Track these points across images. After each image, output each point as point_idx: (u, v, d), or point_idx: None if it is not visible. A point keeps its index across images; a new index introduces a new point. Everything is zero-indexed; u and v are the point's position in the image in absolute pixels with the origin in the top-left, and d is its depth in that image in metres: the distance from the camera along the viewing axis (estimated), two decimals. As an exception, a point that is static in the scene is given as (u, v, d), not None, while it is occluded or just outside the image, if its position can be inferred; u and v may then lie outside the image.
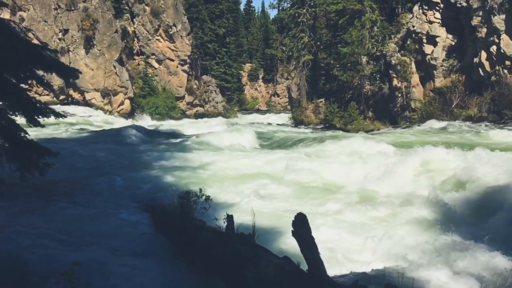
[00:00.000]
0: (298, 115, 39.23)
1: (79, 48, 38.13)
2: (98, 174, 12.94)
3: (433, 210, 9.63)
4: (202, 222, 7.33)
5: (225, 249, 6.22)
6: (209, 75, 52.40)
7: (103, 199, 10.37)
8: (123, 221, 8.72)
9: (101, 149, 17.26)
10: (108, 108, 38.70)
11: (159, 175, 13.28)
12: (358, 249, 7.59)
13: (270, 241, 7.71)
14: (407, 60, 31.69)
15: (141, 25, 43.57)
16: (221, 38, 57.05)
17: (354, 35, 32.02)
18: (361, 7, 33.01)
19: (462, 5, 28.82)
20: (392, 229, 8.63)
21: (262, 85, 73.72)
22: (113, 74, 38.70)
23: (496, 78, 26.85)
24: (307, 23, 40.41)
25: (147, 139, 21.47)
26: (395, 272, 5.61)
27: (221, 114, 48.80)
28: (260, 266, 5.37)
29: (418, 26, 31.47)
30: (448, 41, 30.67)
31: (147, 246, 7.31)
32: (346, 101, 34.55)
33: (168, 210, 8.04)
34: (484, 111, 26.76)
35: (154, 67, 44.27)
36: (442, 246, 7.41)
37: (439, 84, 30.16)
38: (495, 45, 27.01)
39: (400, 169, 12.54)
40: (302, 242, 5.37)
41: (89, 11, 38.08)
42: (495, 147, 15.00)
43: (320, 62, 41.93)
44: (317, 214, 9.42)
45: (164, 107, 41.91)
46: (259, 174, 13.62)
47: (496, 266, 6.51)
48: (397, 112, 32.39)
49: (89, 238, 7.52)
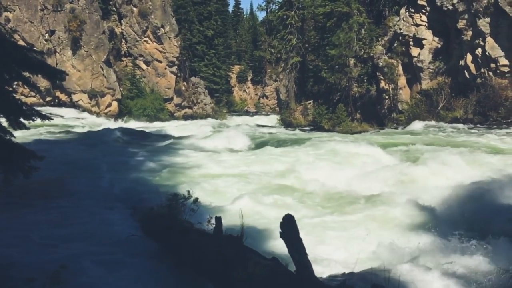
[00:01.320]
0: (286, 116, 39.34)
1: (66, 49, 37.79)
2: (84, 176, 12.83)
3: (416, 210, 9.74)
4: (190, 224, 7.31)
5: (213, 250, 6.22)
6: (198, 76, 52.28)
7: (89, 201, 10.29)
8: (110, 223, 8.67)
9: (88, 151, 17.12)
10: (95, 110, 38.39)
11: (147, 177, 13.22)
12: (344, 250, 7.65)
13: (258, 243, 7.72)
14: (394, 62, 32.01)
15: (129, 26, 43.33)
16: (209, 39, 56.96)
17: (341, 38, 32.25)
18: (349, 9, 33.27)
19: (448, 8, 29.20)
20: (377, 229, 8.71)
21: (251, 87, 73.72)
22: (101, 76, 38.42)
23: (482, 80, 27.24)
24: (295, 25, 40.57)
25: (134, 141, 21.33)
26: (381, 272, 5.66)
27: (210, 115, 48.69)
28: (248, 267, 5.38)
29: (405, 28, 31.80)
30: (435, 44, 31.04)
31: (134, 248, 7.26)
32: (334, 103, 34.75)
33: (156, 212, 8.00)
34: (469, 113, 27.13)
35: (142, 69, 44.04)
36: (427, 246, 7.50)
37: (426, 86, 30.51)
38: (480, 47, 27.40)
39: (382, 170, 12.73)
40: (290, 243, 5.39)
41: (76, 12, 37.76)
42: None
43: (308, 64, 42.12)
44: (304, 216, 9.46)
45: (152, 108, 41.68)
46: (248, 175, 13.62)
47: (480, 265, 6.62)
48: (384, 114, 32.67)
49: (75, 241, 7.45)
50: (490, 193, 10.17)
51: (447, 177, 11.46)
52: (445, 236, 8.26)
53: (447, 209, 9.72)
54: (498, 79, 26.69)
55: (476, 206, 9.60)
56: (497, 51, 26.77)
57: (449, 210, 9.62)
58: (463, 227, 8.63)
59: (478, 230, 8.33)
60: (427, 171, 12.25)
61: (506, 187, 10.32)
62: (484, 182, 10.82)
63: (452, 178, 11.32)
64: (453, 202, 9.96)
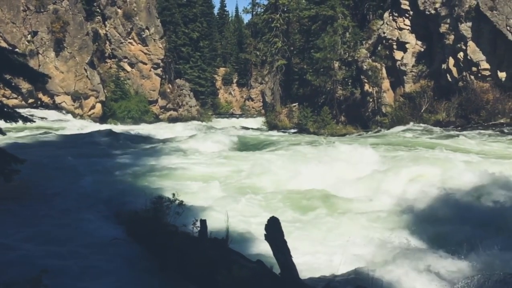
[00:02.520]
0: (272, 119, 39.42)
1: (49, 50, 37.31)
2: (67, 180, 12.66)
3: (399, 211, 9.86)
4: (175, 227, 7.28)
5: (198, 254, 6.20)
6: (183, 79, 52.10)
7: (71, 205, 10.16)
8: (93, 226, 8.57)
9: (71, 154, 16.89)
10: (78, 112, 37.98)
11: (131, 180, 13.11)
12: (328, 252, 7.69)
13: (243, 245, 7.72)
14: (378, 65, 32.33)
15: (113, 28, 43.00)
16: (194, 42, 56.82)
17: (326, 41, 32.47)
18: (333, 13, 33.53)
19: (430, 13, 29.62)
20: (359, 230, 8.79)
21: (236, 89, 73.72)
22: (84, 77, 38.02)
23: (463, 84, 27.69)
24: (280, 28, 40.72)
25: (118, 144, 21.14)
26: (365, 273, 5.71)
27: (195, 118, 48.56)
28: (233, 270, 5.38)
29: (388, 32, 32.17)
30: (418, 48, 31.45)
31: (118, 251, 7.20)
32: (319, 106, 34.94)
33: (140, 215, 7.94)
34: (452, 115, 27.53)
35: (127, 71, 43.72)
36: (410, 247, 7.59)
37: (409, 89, 30.88)
38: (462, 51, 27.86)
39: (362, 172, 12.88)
40: (274, 245, 5.40)
41: (59, 13, 37.32)
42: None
43: (294, 67, 42.29)
44: (288, 218, 9.49)
45: (137, 111, 41.40)
46: (233, 178, 13.61)
47: (462, 266, 6.72)
48: (369, 116, 32.96)
49: (57, 244, 7.35)
50: (471, 195, 10.34)
51: (426, 179, 11.60)
52: (428, 237, 8.39)
53: (430, 211, 9.85)
54: (479, 82, 27.15)
55: (459, 207, 9.76)
56: (478, 55, 27.25)
57: (432, 212, 9.75)
58: (446, 229, 8.76)
59: (461, 232, 8.46)
60: (405, 172, 12.38)
61: (487, 189, 10.50)
62: (465, 184, 10.98)
63: (431, 180, 11.46)
64: (435, 204, 10.10)
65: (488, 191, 10.35)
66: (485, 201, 10.00)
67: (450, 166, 12.49)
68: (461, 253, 7.20)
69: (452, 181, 11.13)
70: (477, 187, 10.60)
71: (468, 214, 9.34)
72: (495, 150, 17.36)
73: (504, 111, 25.97)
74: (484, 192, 10.32)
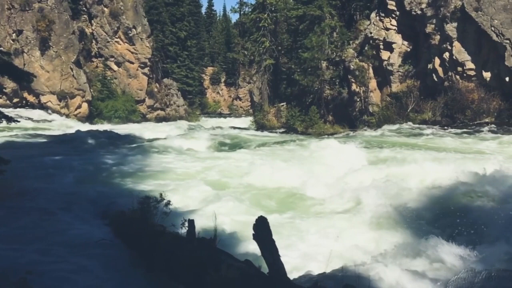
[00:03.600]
0: (260, 119, 39.42)
1: (34, 49, 36.84)
2: (53, 180, 12.52)
3: (386, 210, 9.93)
4: (162, 227, 7.24)
5: (186, 254, 6.17)
6: (170, 78, 51.82)
7: (58, 205, 10.03)
8: (80, 227, 8.48)
9: (57, 154, 16.72)
10: (65, 112, 37.57)
11: (118, 180, 13.01)
12: (315, 251, 7.72)
13: (231, 245, 7.72)
14: (365, 65, 32.52)
15: (100, 27, 42.61)
16: (182, 41, 56.57)
17: (314, 41, 32.58)
18: (321, 13, 33.65)
19: (416, 13, 29.89)
20: (347, 229, 8.84)
21: (224, 89, 73.58)
22: (70, 77, 37.62)
23: (449, 84, 27.99)
24: (268, 27, 40.75)
25: (104, 144, 20.97)
26: (352, 272, 5.75)
27: (183, 117, 48.35)
28: (221, 270, 5.37)
29: (375, 32, 32.38)
30: (404, 48, 31.71)
31: (105, 252, 7.14)
32: (307, 105, 35.04)
33: (127, 216, 7.89)
34: (438, 115, 27.81)
35: (113, 70, 43.36)
36: (397, 245, 7.66)
37: (396, 89, 31.12)
38: (447, 51, 28.16)
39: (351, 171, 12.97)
40: (263, 245, 5.40)
41: (45, 12, 36.88)
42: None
43: (282, 66, 42.36)
44: (275, 217, 9.51)
45: (124, 110, 41.09)
46: (221, 178, 13.59)
47: (448, 263, 6.80)
48: (356, 116, 33.14)
49: (43, 245, 7.25)
50: (457, 193, 10.47)
51: (414, 177, 11.71)
52: (415, 235, 8.46)
53: (417, 208, 9.94)
54: (464, 82, 27.47)
55: (445, 205, 9.87)
56: (463, 55, 27.57)
57: (419, 209, 9.85)
58: (433, 226, 8.86)
59: (448, 229, 8.56)
60: (393, 171, 12.51)
61: (472, 186, 10.64)
62: (451, 181, 11.10)
63: (418, 178, 11.58)
64: (422, 201, 10.20)
65: (469, 188, 10.48)
66: (467, 198, 10.12)
67: (429, 164, 12.64)
68: (446, 250, 7.28)
69: (432, 179, 11.24)
70: (457, 185, 10.73)
71: (450, 211, 9.45)
72: (472, 148, 17.72)
73: (489, 111, 26.32)
74: (465, 190, 10.46)
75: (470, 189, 10.37)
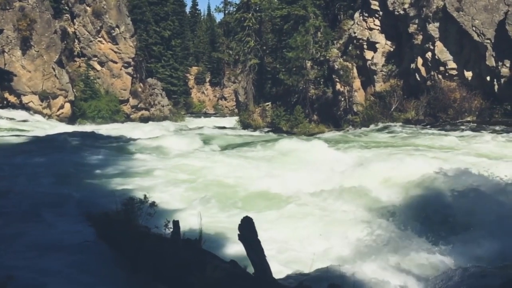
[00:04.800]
0: (245, 118, 39.42)
1: (15, 49, 36.22)
2: (34, 182, 12.30)
3: (367, 208, 10.01)
4: (147, 229, 7.16)
5: (171, 255, 6.12)
6: (155, 78, 51.48)
7: (39, 207, 9.84)
8: (63, 229, 8.34)
9: (38, 156, 16.45)
10: (47, 112, 37.02)
11: (101, 181, 12.86)
12: (300, 250, 7.73)
13: (217, 246, 7.68)
14: (349, 65, 32.75)
15: (82, 26, 42.09)
16: (166, 40, 56.23)
17: (298, 40, 32.69)
18: (305, 13, 33.77)
19: (399, 13, 30.20)
20: (331, 227, 8.88)
21: (209, 89, 73.36)
22: (52, 77, 37.08)
23: (432, 83, 28.35)
24: (253, 27, 40.76)
25: (87, 144, 20.67)
26: (337, 270, 5.76)
27: (168, 117, 48.06)
28: (206, 271, 5.34)
29: (359, 32, 32.62)
30: (387, 47, 32.01)
31: (88, 254, 7.03)
32: (292, 105, 35.15)
33: (111, 217, 7.78)
34: (421, 114, 28.15)
35: (96, 70, 42.88)
36: (382, 243, 7.72)
37: (379, 88, 31.40)
38: (430, 51, 28.52)
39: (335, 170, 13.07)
40: (248, 245, 5.38)
41: (26, 11, 36.29)
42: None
43: (267, 66, 42.41)
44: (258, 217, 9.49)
45: (107, 110, 40.66)
46: (205, 178, 13.53)
47: (432, 261, 6.87)
48: (341, 115, 33.36)
49: (24, 249, 7.11)
50: (444, 190, 10.58)
51: (398, 174, 11.83)
52: (400, 233, 8.54)
53: (401, 206, 10.04)
54: (446, 81, 27.86)
55: (431, 202, 9.97)
56: (445, 54, 27.96)
57: (403, 207, 9.94)
58: (418, 223, 8.94)
59: (433, 226, 8.66)
60: (375, 168, 12.61)
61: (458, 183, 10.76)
62: (437, 178, 11.22)
63: (402, 175, 11.69)
64: (407, 199, 10.30)
65: (449, 186, 10.61)
66: (447, 196, 10.24)
67: (411, 163, 12.79)
68: (430, 248, 7.37)
69: (414, 177, 11.37)
70: (439, 183, 10.86)
71: (431, 209, 9.57)
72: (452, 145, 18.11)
73: (470, 110, 26.73)
74: (446, 187, 10.58)
75: (457, 187, 10.47)
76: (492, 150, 16.43)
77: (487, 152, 15.88)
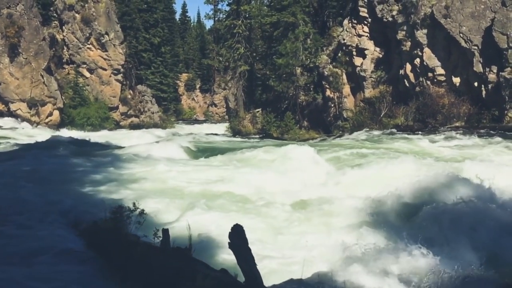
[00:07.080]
0: (235, 125, 39.41)
1: (3, 56, 35.89)
2: (21, 189, 12.11)
3: (360, 213, 10.01)
4: (136, 238, 7.08)
5: (160, 264, 6.05)
6: (144, 84, 51.28)
7: (26, 215, 9.67)
8: (50, 238, 8.19)
9: (26, 164, 16.23)
10: (35, 120, 36.66)
11: (90, 189, 12.71)
12: (291, 257, 7.70)
13: (208, 254, 7.61)
14: (339, 71, 32.95)
15: (71, 33, 41.86)
16: (156, 47, 56.16)
17: (288, 47, 32.84)
18: (295, 19, 33.97)
19: (388, 20, 30.49)
20: (321, 233, 8.86)
21: (200, 95, 73.24)
22: (41, 84, 36.77)
23: (420, 89, 28.62)
24: (242, 34, 40.91)
25: (76, 152, 20.45)
26: (327, 276, 5.73)
27: (158, 124, 47.83)
28: (196, 280, 5.28)
29: (348, 39, 32.86)
30: (376, 54, 32.29)
31: (76, 264, 6.91)
32: (282, 111, 35.23)
33: (99, 226, 7.68)
34: (410, 120, 28.37)
35: (85, 77, 42.61)
36: (371, 248, 7.70)
37: (369, 94, 31.62)
38: (418, 57, 28.81)
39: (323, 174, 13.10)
40: (238, 253, 5.34)
41: (14, 18, 36.02)
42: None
43: (257, 72, 42.54)
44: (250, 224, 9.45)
45: (97, 117, 40.37)
46: (196, 186, 13.43)
47: (422, 266, 6.87)
48: (331, 121, 33.50)
49: (9, 259, 6.96)
50: (434, 194, 10.63)
51: (385, 180, 11.87)
52: (389, 237, 8.54)
53: (390, 211, 10.05)
54: (435, 87, 28.14)
55: (420, 207, 10.00)
56: (434, 61, 28.26)
57: (392, 212, 9.95)
58: (406, 228, 8.95)
59: (422, 231, 8.67)
60: (365, 173, 12.66)
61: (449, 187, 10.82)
62: (427, 183, 11.26)
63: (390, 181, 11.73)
64: (396, 204, 10.32)
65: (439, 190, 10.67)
66: (434, 200, 10.29)
67: (397, 166, 12.87)
68: (419, 252, 7.36)
69: (400, 181, 11.41)
70: (424, 187, 10.91)
71: (419, 212, 9.60)
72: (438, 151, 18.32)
73: (459, 115, 27.00)
74: (433, 191, 10.63)
75: (444, 191, 10.53)
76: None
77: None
